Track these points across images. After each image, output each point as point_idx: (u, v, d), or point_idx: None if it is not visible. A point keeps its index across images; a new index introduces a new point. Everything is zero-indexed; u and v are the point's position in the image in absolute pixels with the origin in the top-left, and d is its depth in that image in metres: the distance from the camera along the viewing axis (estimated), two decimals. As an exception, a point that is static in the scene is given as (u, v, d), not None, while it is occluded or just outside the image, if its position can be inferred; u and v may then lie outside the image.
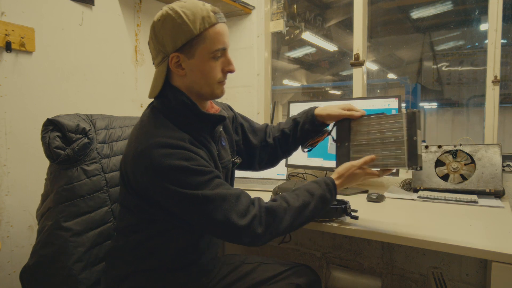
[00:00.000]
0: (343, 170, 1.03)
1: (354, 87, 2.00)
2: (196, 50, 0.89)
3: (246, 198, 0.90)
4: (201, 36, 0.88)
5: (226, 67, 0.95)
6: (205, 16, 0.87)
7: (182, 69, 0.91)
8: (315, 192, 0.97)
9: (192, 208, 0.85)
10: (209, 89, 0.94)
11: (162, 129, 0.89)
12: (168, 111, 0.93)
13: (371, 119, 1.10)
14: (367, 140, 1.08)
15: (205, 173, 0.86)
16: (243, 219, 0.85)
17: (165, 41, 0.89)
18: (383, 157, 1.03)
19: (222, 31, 0.91)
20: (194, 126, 0.94)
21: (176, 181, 0.83)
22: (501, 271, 0.84)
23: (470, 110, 3.47)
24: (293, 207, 0.93)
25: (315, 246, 1.99)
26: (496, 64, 1.61)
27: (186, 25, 0.86)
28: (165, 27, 0.88)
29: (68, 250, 1.02)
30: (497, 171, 1.41)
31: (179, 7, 0.88)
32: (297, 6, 2.46)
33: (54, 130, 1.07)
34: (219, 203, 0.85)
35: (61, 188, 1.06)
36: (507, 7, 1.62)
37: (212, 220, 0.85)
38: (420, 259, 1.70)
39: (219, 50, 0.91)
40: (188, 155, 0.85)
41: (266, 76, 2.30)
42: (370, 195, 1.42)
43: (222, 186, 0.88)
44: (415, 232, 0.99)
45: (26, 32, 1.42)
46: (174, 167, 0.83)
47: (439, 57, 3.54)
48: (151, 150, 0.84)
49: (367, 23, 2.00)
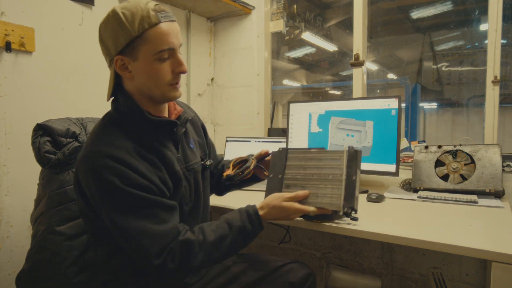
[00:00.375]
0: (270, 199, 0.98)
1: (354, 87, 2.00)
2: (139, 52, 0.85)
3: (170, 233, 0.86)
4: (142, 37, 0.83)
5: (177, 68, 0.89)
6: (144, 15, 0.83)
7: (129, 72, 0.88)
8: (233, 223, 0.92)
9: (111, 227, 0.85)
10: (159, 91, 0.90)
11: (106, 136, 0.88)
12: (120, 116, 0.91)
13: (310, 153, 1.03)
14: (303, 174, 1.01)
15: (134, 197, 0.83)
16: (159, 259, 0.83)
17: (109, 43, 0.87)
18: (318, 195, 0.97)
19: (166, 31, 0.85)
20: (145, 131, 0.91)
21: (105, 196, 0.83)
22: (501, 271, 0.84)
23: (470, 110, 3.47)
24: (208, 241, 0.88)
25: (315, 246, 1.99)
26: (496, 64, 1.61)
27: (124, 26, 0.83)
28: (107, 30, 0.86)
29: (62, 254, 1.03)
30: (497, 171, 1.41)
31: (120, 8, 0.84)
32: (297, 6, 2.46)
33: (44, 135, 1.08)
34: (139, 239, 0.83)
35: (53, 192, 1.06)
36: (507, 7, 1.62)
37: (127, 246, 0.85)
38: (420, 259, 1.70)
39: (164, 51, 0.85)
40: (122, 172, 0.82)
41: (266, 76, 2.30)
42: (370, 195, 1.42)
43: (151, 218, 0.84)
44: (415, 232, 0.99)
45: (26, 32, 1.42)
46: (107, 181, 0.81)
47: (439, 57, 3.54)
48: (92, 158, 0.84)
49: (367, 23, 2.00)
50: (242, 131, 2.35)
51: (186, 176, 1.01)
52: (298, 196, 0.97)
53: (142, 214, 0.84)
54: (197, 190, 1.06)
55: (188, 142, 1.07)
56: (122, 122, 0.91)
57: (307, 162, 1.03)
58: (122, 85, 0.93)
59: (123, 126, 0.90)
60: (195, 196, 1.05)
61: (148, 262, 0.83)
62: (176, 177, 0.96)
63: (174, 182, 0.95)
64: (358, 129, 1.61)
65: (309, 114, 1.76)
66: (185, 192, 1.00)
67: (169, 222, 0.87)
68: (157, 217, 0.86)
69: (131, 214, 0.83)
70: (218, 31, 2.42)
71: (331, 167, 0.98)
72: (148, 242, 0.83)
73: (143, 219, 0.84)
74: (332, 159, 0.99)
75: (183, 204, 1.00)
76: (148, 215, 0.85)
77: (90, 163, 0.83)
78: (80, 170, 0.86)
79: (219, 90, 2.45)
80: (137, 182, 0.84)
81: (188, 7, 2.18)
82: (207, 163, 1.12)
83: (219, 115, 2.46)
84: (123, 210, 0.83)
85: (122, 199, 0.83)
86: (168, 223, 0.87)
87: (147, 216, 0.84)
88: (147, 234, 0.83)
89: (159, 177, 0.90)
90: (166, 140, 0.96)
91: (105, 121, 0.93)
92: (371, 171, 1.57)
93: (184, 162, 1.02)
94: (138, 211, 0.84)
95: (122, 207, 0.83)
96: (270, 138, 1.98)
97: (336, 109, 1.68)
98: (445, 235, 0.97)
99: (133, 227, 0.83)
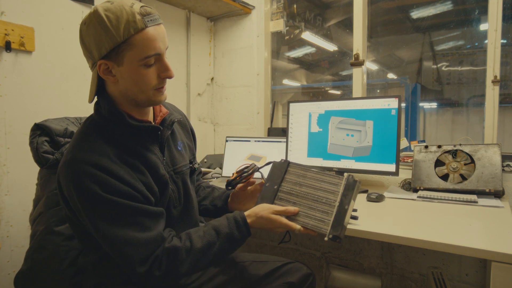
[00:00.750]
0: (259, 209, 0.96)
1: (354, 87, 2.00)
2: (124, 57, 0.81)
3: (154, 241, 0.84)
4: (127, 43, 0.80)
5: (163, 73, 0.87)
6: (130, 20, 0.78)
7: (113, 76, 0.85)
8: (221, 230, 0.91)
9: (95, 234, 0.84)
10: (144, 96, 0.87)
11: (88, 140, 0.86)
12: (102, 119, 0.89)
13: (310, 171, 1.03)
14: (298, 191, 1.01)
15: (116, 205, 0.81)
16: (143, 266, 0.82)
17: (91, 47, 0.83)
18: (307, 215, 0.96)
19: (152, 36, 0.81)
20: (127, 135, 0.89)
21: (87, 204, 0.81)
22: (500, 271, 0.84)
23: (470, 110, 3.47)
24: (196, 248, 0.87)
25: (315, 246, 1.99)
26: (496, 64, 1.61)
27: (109, 31, 0.78)
28: (89, 33, 0.81)
29: (60, 255, 1.03)
30: (496, 171, 1.41)
31: (103, 9, 0.80)
32: (297, 6, 2.46)
33: (42, 135, 1.07)
34: (121, 248, 0.81)
35: (51, 192, 1.07)
36: (507, 7, 1.62)
37: (111, 253, 0.84)
38: (420, 259, 1.70)
39: (150, 56, 0.82)
40: (103, 179, 0.80)
41: (266, 76, 2.30)
42: (370, 195, 1.42)
43: (134, 226, 0.83)
44: (415, 232, 0.99)
45: (25, 31, 1.42)
46: (88, 189, 0.79)
47: (439, 57, 3.53)
48: (72, 165, 0.82)
49: (367, 23, 2.00)
50: (242, 131, 2.35)
51: (174, 179, 0.99)
52: (287, 212, 0.96)
53: (125, 222, 0.82)
54: (186, 192, 1.04)
55: (176, 144, 1.05)
56: (104, 126, 0.89)
57: (305, 180, 1.03)
58: (104, 88, 0.90)
59: (104, 130, 0.88)
60: (185, 198, 1.04)
61: (133, 270, 0.82)
62: (161, 181, 0.94)
63: (160, 187, 0.93)
64: (358, 129, 1.61)
65: (309, 114, 1.76)
66: (173, 195, 0.98)
67: (154, 229, 0.86)
68: (140, 224, 0.84)
69: (114, 222, 0.82)
70: (218, 31, 2.42)
71: (327, 190, 0.98)
72: (131, 250, 0.82)
73: (126, 227, 0.82)
74: (329, 183, 0.99)
75: (172, 208, 0.98)
76: (131, 222, 0.83)
77: (71, 170, 0.81)
78: (61, 177, 0.84)
79: (219, 89, 2.45)
80: (118, 189, 0.82)
81: (188, 6, 2.17)
82: (195, 166, 1.11)
83: (219, 115, 2.46)
84: (105, 218, 0.81)
85: (104, 207, 0.81)
86: (152, 231, 0.85)
87: (130, 223, 0.83)
88: (130, 242, 0.81)
89: (143, 182, 0.88)
90: (150, 144, 0.94)
91: (86, 125, 0.91)
92: (371, 171, 1.57)
93: (172, 165, 0.99)
94: (121, 218, 0.82)
95: (104, 215, 0.81)
96: (270, 138, 1.98)
97: (336, 109, 1.68)
98: (445, 235, 0.97)
99: (116, 235, 0.81)
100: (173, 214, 0.99)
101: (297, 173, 1.06)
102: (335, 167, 1.66)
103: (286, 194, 1.03)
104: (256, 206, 0.98)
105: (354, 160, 1.61)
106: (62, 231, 1.04)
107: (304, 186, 1.02)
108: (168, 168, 0.98)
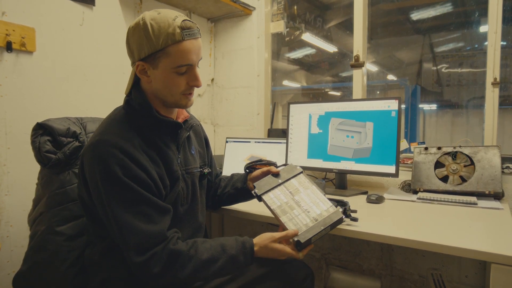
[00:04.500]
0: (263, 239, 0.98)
1: (354, 88, 2.00)
2: (159, 63, 0.91)
3: (156, 236, 0.88)
4: (164, 51, 0.89)
5: (191, 82, 0.96)
6: (170, 33, 0.88)
7: (147, 76, 0.94)
8: (228, 250, 0.94)
9: (103, 214, 0.90)
10: (172, 99, 0.96)
11: (116, 126, 0.93)
12: (131, 110, 0.97)
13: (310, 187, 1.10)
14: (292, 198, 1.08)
15: (130, 190, 0.87)
16: (140, 257, 0.86)
17: (133, 48, 0.92)
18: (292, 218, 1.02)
19: (187, 49, 0.90)
20: (150, 128, 0.97)
21: (106, 184, 0.87)
22: (500, 272, 0.84)
23: (470, 111, 3.47)
24: (199, 259, 0.90)
25: (315, 247, 1.99)
26: (495, 66, 1.61)
27: (150, 38, 0.88)
28: (134, 36, 0.91)
29: (61, 255, 1.03)
30: (496, 172, 1.41)
31: (150, 18, 0.89)
32: (297, 7, 2.46)
33: (44, 134, 1.07)
34: (123, 231, 0.86)
35: (53, 192, 1.06)
36: (507, 9, 1.63)
37: (114, 234, 0.89)
38: (420, 260, 1.70)
39: (182, 66, 0.92)
40: (125, 162, 0.87)
41: (266, 77, 2.31)
42: (370, 196, 1.42)
43: (140, 215, 0.88)
44: (415, 233, 0.99)
45: (26, 32, 1.42)
46: (110, 170, 0.86)
47: (438, 58, 3.54)
48: (99, 144, 0.88)
49: (367, 24, 2.00)
50: (242, 131, 2.35)
51: (184, 178, 1.05)
52: (287, 236, 0.98)
53: (134, 209, 0.87)
54: (194, 193, 1.09)
55: (190, 148, 1.11)
56: (131, 116, 0.97)
57: (304, 190, 1.10)
58: (139, 84, 0.99)
59: (131, 120, 0.96)
60: (192, 198, 1.08)
61: (129, 257, 0.87)
62: (174, 176, 1.00)
63: (171, 180, 0.99)
64: (358, 130, 1.61)
65: (309, 115, 1.76)
66: (182, 193, 1.03)
67: (158, 224, 0.90)
68: (147, 215, 0.89)
69: (125, 205, 0.87)
70: (218, 32, 2.42)
71: (317, 207, 1.05)
72: (131, 237, 0.86)
73: (133, 214, 0.87)
74: (323, 206, 1.06)
75: (179, 205, 1.02)
76: (139, 211, 0.88)
77: (98, 151, 0.88)
78: (86, 157, 0.90)
79: (219, 90, 2.45)
80: (136, 174, 0.88)
81: (188, 7, 2.18)
82: (205, 170, 1.16)
83: (219, 116, 2.46)
84: (118, 200, 0.87)
85: (120, 189, 0.87)
86: (156, 225, 0.89)
87: (138, 212, 0.88)
88: (132, 229, 0.86)
89: (158, 173, 0.94)
90: (169, 141, 1.01)
91: (115, 113, 0.99)
92: (371, 172, 1.57)
93: (185, 164, 1.06)
94: (132, 204, 0.88)
95: (118, 197, 0.87)
96: (270, 139, 1.98)
97: (336, 110, 1.69)
98: (444, 236, 0.97)
99: (123, 218, 0.86)
100: (179, 212, 1.03)
101: (301, 183, 1.12)
102: (335, 168, 1.66)
103: (283, 194, 1.09)
104: (259, 237, 1.00)
105: (354, 162, 1.62)
106: (64, 231, 1.04)
107: (302, 194, 1.09)
108: (181, 166, 1.04)
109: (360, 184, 1.89)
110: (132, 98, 0.98)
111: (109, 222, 0.89)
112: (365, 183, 1.85)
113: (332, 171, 1.69)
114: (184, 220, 1.05)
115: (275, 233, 0.99)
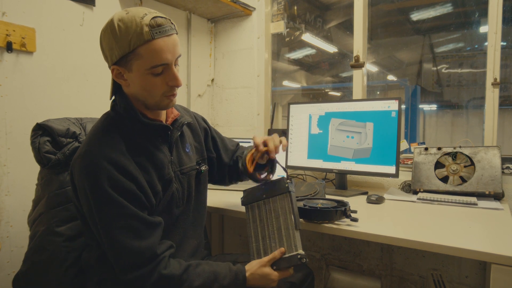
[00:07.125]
0: (255, 268, 0.97)
1: (354, 89, 2.00)
2: (132, 65, 0.86)
3: (143, 252, 0.86)
4: (135, 53, 0.84)
5: (170, 82, 0.90)
6: (138, 32, 0.82)
7: (125, 80, 0.90)
8: (220, 280, 0.92)
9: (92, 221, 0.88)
10: (153, 100, 0.92)
11: (104, 135, 0.90)
12: (117, 115, 0.94)
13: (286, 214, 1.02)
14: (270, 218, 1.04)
15: (119, 205, 0.84)
16: (126, 275, 0.85)
17: (106, 52, 0.89)
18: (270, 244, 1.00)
19: (159, 48, 0.84)
20: (139, 132, 0.94)
21: (94, 196, 0.84)
22: (500, 273, 0.84)
23: (470, 112, 3.48)
24: (190, 286, 0.89)
25: (315, 247, 1.99)
26: (496, 67, 1.61)
27: (118, 40, 0.84)
28: (105, 38, 0.87)
29: (61, 256, 1.02)
30: (496, 173, 1.41)
31: (118, 19, 0.84)
32: (298, 7, 2.46)
33: (44, 135, 1.07)
34: (111, 246, 0.85)
35: (52, 193, 1.06)
36: (507, 9, 1.63)
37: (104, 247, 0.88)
38: (420, 261, 1.70)
39: (157, 66, 0.86)
40: (113, 174, 0.84)
41: (266, 77, 2.31)
42: (370, 196, 1.42)
43: (128, 230, 0.85)
44: (415, 234, 0.99)
45: (27, 32, 1.43)
46: (97, 182, 0.83)
47: (439, 59, 3.54)
48: (86, 156, 0.86)
49: (367, 24, 2.00)
50: (242, 132, 2.35)
51: (179, 179, 1.02)
52: (275, 257, 0.97)
53: (121, 224, 0.85)
54: (189, 194, 1.07)
55: (184, 146, 1.08)
56: (118, 122, 0.93)
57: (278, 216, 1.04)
58: (120, 87, 0.95)
59: (119, 126, 0.93)
60: (188, 199, 1.06)
61: (120, 274, 0.87)
62: (165, 179, 0.97)
63: (163, 185, 0.96)
64: (358, 131, 1.61)
65: (309, 116, 1.76)
66: (177, 195, 1.01)
67: (146, 239, 0.87)
68: (134, 230, 0.86)
69: (112, 220, 0.85)
70: (218, 32, 2.43)
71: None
72: (118, 253, 0.85)
73: (120, 229, 0.85)
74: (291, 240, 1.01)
75: (174, 207, 1.01)
76: (126, 226, 0.85)
77: (85, 162, 0.85)
78: (76, 168, 0.88)
79: (219, 91, 2.45)
80: (124, 186, 0.85)
81: (188, 8, 2.18)
82: (202, 168, 1.12)
83: (219, 116, 2.46)
84: (106, 214, 0.85)
85: (107, 203, 0.84)
86: (144, 240, 0.87)
87: (124, 226, 0.85)
88: (119, 246, 0.85)
89: (147, 181, 0.91)
90: (160, 143, 0.98)
91: (102, 120, 0.96)
92: (371, 173, 1.57)
93: (179, 165, 1.03)
94: (119, 219, 0.85)
95: (106, 210, 0.84)
96: (270, 139, 1.97)
97: (336, 111, 1.69)
98: (444, 237, 0.97)
99: (110, 233, 0.85)
100: (175, 213, 1.01)
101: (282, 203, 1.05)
102: (335, 168, 1.66)
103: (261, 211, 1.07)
104: (249, 264, 0.98)
105: (354, 162, 1.62)
106: (64, 232, 1.04)
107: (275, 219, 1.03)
108: (175, 168, 1.01)
109: (360, 185, 1.89)
110: (116, 103, 0.95)
111: (98, 234, 0.88)
112: (365, 184, 1.86)
113: (332, 172, 1.69)
114: (179, 221, 1.04)
115: (263, 258, 0.98)
